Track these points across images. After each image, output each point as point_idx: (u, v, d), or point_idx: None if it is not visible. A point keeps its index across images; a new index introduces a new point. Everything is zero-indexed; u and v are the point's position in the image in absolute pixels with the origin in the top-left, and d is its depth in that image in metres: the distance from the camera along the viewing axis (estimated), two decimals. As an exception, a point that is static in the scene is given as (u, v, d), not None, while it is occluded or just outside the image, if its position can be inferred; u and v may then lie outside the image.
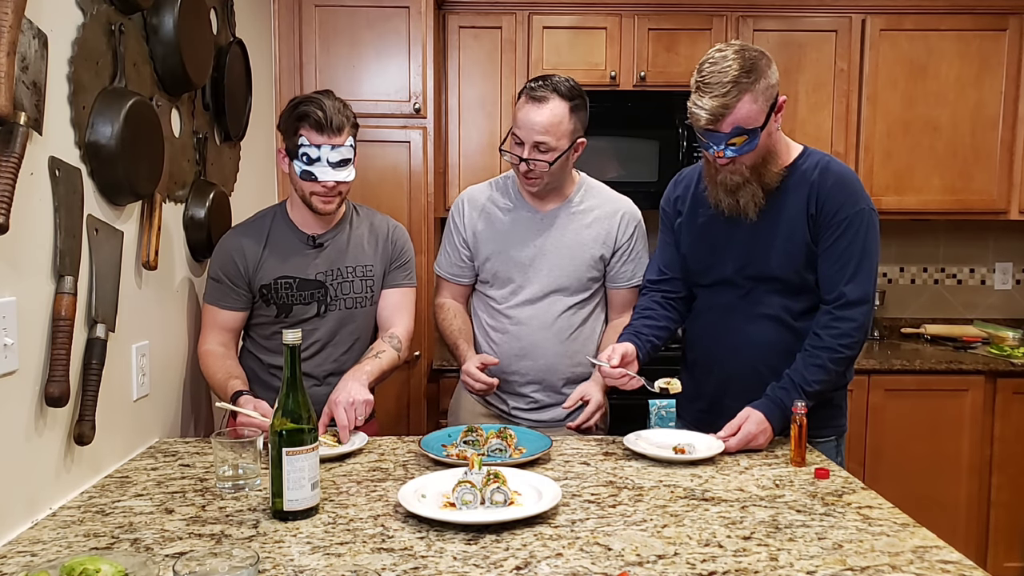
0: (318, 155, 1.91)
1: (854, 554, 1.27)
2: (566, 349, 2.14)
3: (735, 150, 1.75)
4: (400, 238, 2.16)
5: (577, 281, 2.13)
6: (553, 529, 1.36)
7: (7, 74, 1.25)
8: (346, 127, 1.93)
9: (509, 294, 2.15)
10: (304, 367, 2.02)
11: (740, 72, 1.69)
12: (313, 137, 1.90)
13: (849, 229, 1.80)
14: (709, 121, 1.72)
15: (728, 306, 1.93)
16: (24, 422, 1.40)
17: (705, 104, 1.71)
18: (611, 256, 2.15)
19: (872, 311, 1.84)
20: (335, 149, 1.91)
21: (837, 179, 1.83)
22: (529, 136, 2.00)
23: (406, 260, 2.16)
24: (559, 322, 2.12)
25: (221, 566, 1.10)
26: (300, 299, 2.03)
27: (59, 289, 1.47)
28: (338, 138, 1.91)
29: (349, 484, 1.59)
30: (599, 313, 2.21)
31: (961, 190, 3.29)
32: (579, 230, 2.13)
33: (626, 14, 3.19)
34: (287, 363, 1.42)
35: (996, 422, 3.04)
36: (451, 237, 2.22)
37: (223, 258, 2.03)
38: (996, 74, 3.24)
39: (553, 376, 2.15)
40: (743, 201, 1.83)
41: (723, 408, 1.92)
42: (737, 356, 1.91)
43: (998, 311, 3.69)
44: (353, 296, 2.08)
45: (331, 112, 1.90)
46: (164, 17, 1.85)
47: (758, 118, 1.73)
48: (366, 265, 2.09)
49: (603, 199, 2.18)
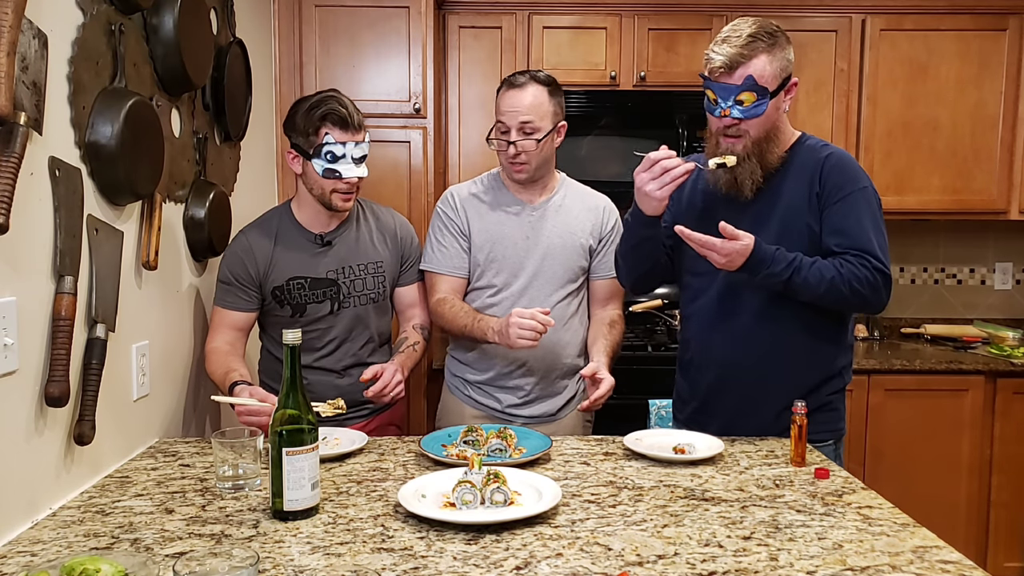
0: (343, 152, 1.96)
1: (854, 554, 1.27)
2: (560, 339, 2.17)
3: (742, 111, 1.75)
4: (408, 234, 2.23)
5: (569, 270, 2.19)
6: (553, 529, 1.36)
7: (7, 74, 1.25)
8: (363, 124, 2.02)
9: (503, 284, 2.18)
10: (324, 363, 2.10)
11: (760, 31, 1.75)
12: (338, 134, 1.96)
13: (856, 203, 1.79)
14: (723, 66, 1.73)
15: (722, 300, 1.90)
16: (24, 422, 1.40)
17: (722, 50, 1.74)
18: (597, 245, 2.22)
19: (890, 286, 1.79)
20: (358, 146, 1.99)
21: (840, 159, 1.84)
22: (514, 119, 2.08)
23: (417, 256, 2.24)
24: (554, 312, 2.08)
25: (221, 566, 1.10)
26: (313, 298, 2.05)
27: (59, 289, 1.47)
28: (359, 135, 2.00)
29: (349, 484, 1.59)
30: (585, 308, 2.27)
31: (961, 190, 3.29)
32: (568, 220, 2.20)
33: (626, 14, 3.19)
34: (287, 363, 1.42)
35: (996, 422, 3.04)
36: (444, 231, 2.21)
37: (234, 261, 2.04)
38: (996, 74, 3.24)
39: (548, 366, 2.18)
40: (740, 178, 1.81)
41: (716, 407, 1.92)
42: (732, 352, 1.89)
43: (998, 311, 3.69)
44: (366, 293, 2.12)
45: (351, 108, 1.98)
46: (164, 17, 1.85)
47: (771, 81, 1.75)
48: (377, 262, 2.13)
49: (584, 194, 2.28)
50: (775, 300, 1.83)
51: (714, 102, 1.78)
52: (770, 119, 1.79)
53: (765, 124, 1.78)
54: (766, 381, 1.86)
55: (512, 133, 2.09)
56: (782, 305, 1.83)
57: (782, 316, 1.85)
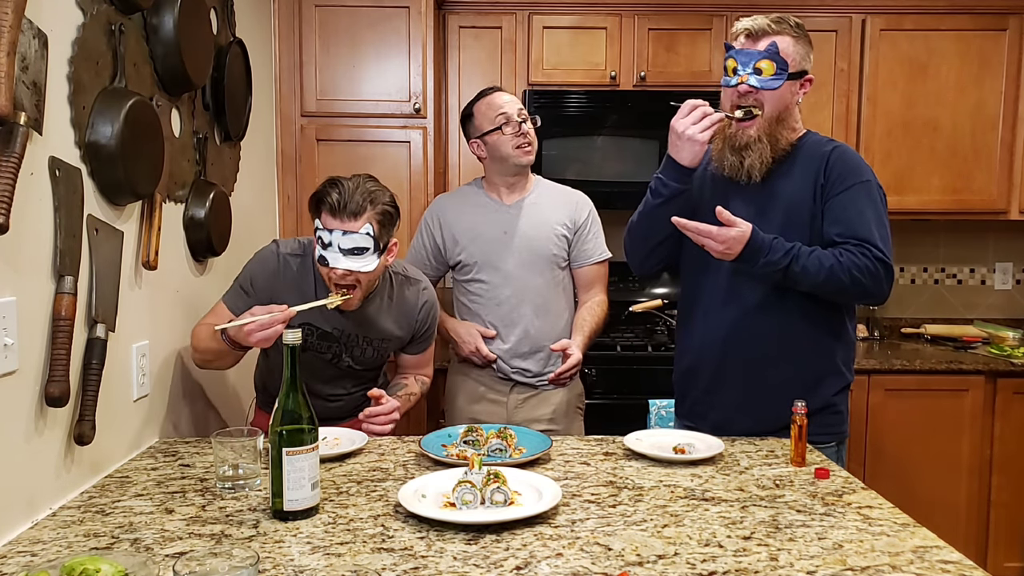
0: (330, 240, 1.83)
1: (854, 554, 1.27)
2: (544, 324, 2.39)
3: (760, 80, 1.77)
4: (427, 316, 2.14)
5: (547, 259, 2.39)
6: (553, 529, 1.36)
7: (7, 74, 1.25)
8: (365, 213, 1.82)
9: (488, 277, 2.39)
10: (315, 387, 2.03)
11: (788, 19, 1.84)
12: (327, 220, 1.84)
13: (859, 195, 1.79)
14: (748, 33, 1.80)
15: (723, 291, 1.89)
16: (24, 422, 1.40)
17: (751, 20, 1.82)
18: (574, 235, 2.43)
19: (892, 277, 1.78)
20: (347, 235, 1.82)
21: (845, 152, 1.85)
22: (513, 107, 2.36)
23: (432, 333, 2.20)
24: (536, 299, 2.38)
25: (221, 566, 1.09)
26: (318, 348, 2.03)
27: (59, 289, 1.47)
28: (352, 223, 1.82)
29: (349, 484, 1.59)
30: (567, 294, 2.46)
31: (961, 190, 3.29)
32: (542, 212, 2.41)
33: (626, 14, 3.19)
34: (287, 363, 1.42)
35: (996, 422, 3.04)
36: (422, 236, 2.47)
37: (264, 274, 1.97)
38: (996, 74, 3.24)
39: (536, 347, 2.39)
40: (749, 161, 1.81)
41: (712, 402, 1.91)
42: (732, 344, 1.88)
43: (998, 311, 3.69)
44: (363, 360, 2.09)
45: (348, 195, 1.82)
46: (164, 17, 1.85)
47: (792, 60, 1.79)
48: (383, 338, 2.08)
49: (558, 191, 2.49)
50: (775, 292, 1.83)
51: (732, 71, 1.79)
52: (784, 100, 1.80)
53: (779, 104, 1.79)
54: (766, 374, 1.86)
55: (515, 122, 2.33)
56: (782, 297, 1.83)
57: (782, 308, 1.84)
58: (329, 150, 2.98)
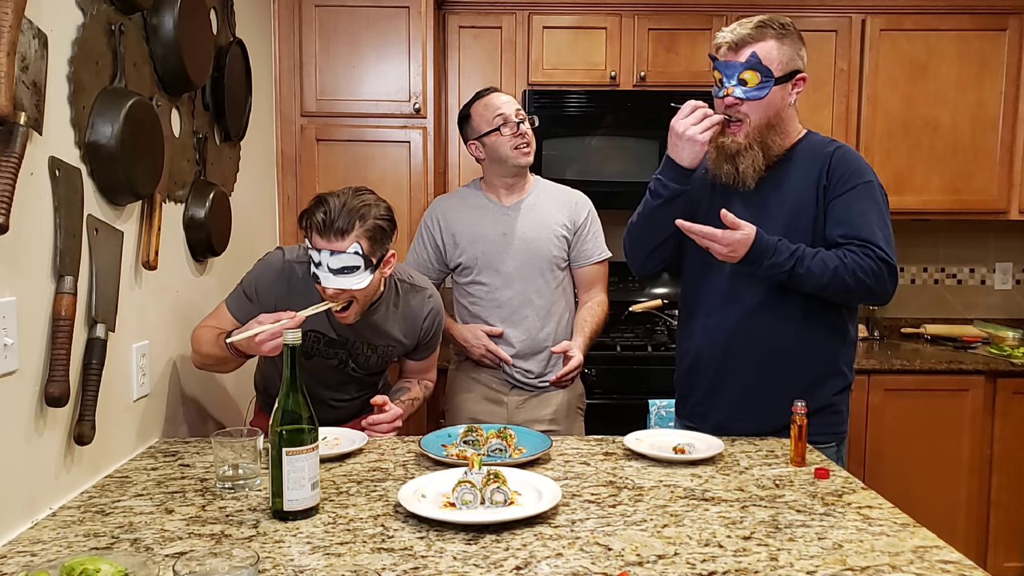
0: (319, 259, 1.80)
1: (854, 554, 1.27)
2: (545, 324, 2.39)
3: (745, 91, 1.76)
4: (432, 323, 2.12)
5: (547, 260, 2.38)
6: (553, 529, 1.36)
7: (7, 74, 1.25)
8: (352, 232, 1.78)
9: (488, 279, 2.39)
10: (317, 391, 2.02)
11: (772, 20, 1.80)
12: (315, 240, 1.81)
13: (861, 195, 1.78)
14: (729, 45, 1.77)
15: (724, 291, 1.89)
16: (24, 422, 1.40)
17: (731, 30, 1.79)
18: (573, 235, 2.42)
19: (896, 278, 1.78)
20: (334, 255, 1.78)
21: (847, 153, 1.85)
22: (511, 108, 2.35)
23: (436, 341, 2.18)
24: (537, 299, 2.38)
25: (221, 566, 1.09)
26: (324, 353, 2.02)
27: (59, 289, 1.47)
28: (339, 243, 1.78)
29: (349, 484, 1.59)
30: (567, 294, 2.46)
31: (961, 190, 3.29)
32: (541, 214, 2.41)
33: (626, 14, 3.19)
34: (287, 363, 1.42)
35: (996, 422, 3.04)
36: (422, 238, 2.47)
37: (269, 281, 1.96)
38: (996, 74, 3.24)
39: (537, 348, 2.40)
40: (743, 167, 1.81)
41: (713, 403, 1.91)
42: (733, 343, 1.88)
43: (998, 311, 3.69)
44: (367, 366, 2.09)
45: (335, 214, 1.78)
46: (164, 17, 1.85)
47: (777, 66, 1.77)
48: (388, 345, 2.07)
49: (557, 191, 2.48)
50: (776, 293, 1.83)
51: (719, 83, 1.79)
52: (773, 106, 1.79)
53: (767, 110, 1.78)
54: (767, 374, 1.86)
55: (513, 122, 2.33)
56: (783, 298, 1.83)
57: (783, 309, 1.84)
58: (329, 150, 2.98)
